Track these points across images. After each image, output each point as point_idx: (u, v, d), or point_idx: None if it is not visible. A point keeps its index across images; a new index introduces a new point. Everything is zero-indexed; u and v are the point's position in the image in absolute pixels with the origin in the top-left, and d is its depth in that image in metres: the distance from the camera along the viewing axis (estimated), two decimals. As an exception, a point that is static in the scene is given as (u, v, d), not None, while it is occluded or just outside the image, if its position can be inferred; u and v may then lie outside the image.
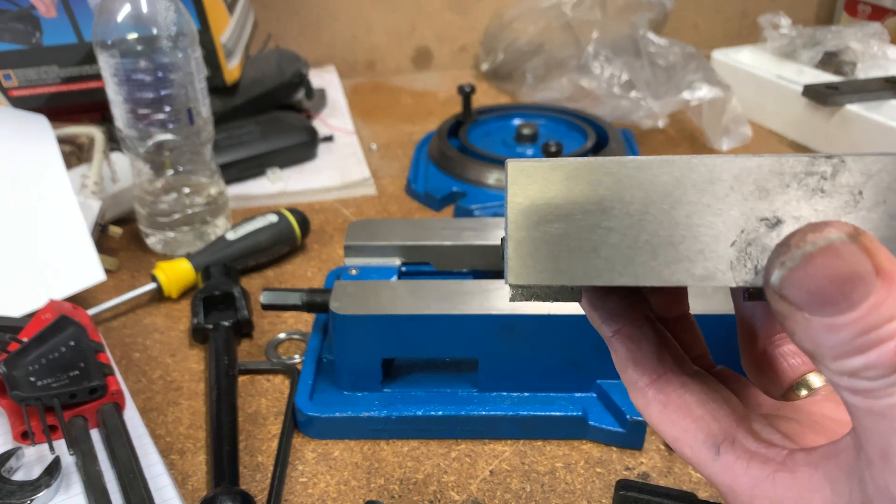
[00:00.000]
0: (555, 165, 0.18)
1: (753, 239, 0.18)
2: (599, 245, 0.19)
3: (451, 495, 0.38)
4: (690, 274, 0.18)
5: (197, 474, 0.39)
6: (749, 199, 0.18)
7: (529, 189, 0.19)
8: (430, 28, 1.03)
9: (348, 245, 0.46)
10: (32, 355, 0.40)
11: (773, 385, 0.24)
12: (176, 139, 0.54)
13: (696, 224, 0.18)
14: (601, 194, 0.18)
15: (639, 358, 0.22)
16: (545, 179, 0.19)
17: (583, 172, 0.18)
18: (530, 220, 0.19)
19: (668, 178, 0.18)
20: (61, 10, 0.62)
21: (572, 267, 0.19)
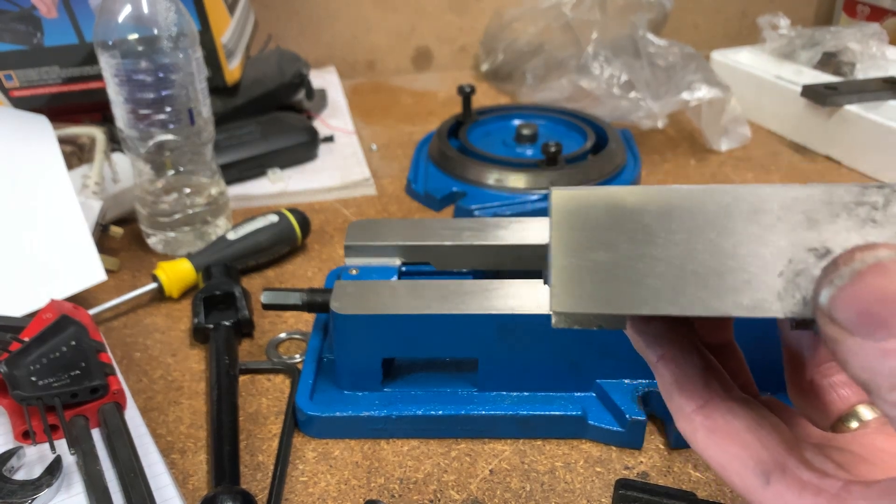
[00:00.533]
0: (599, 194, 0.18)
1: (802, 269, 0.18)
2: (645, 274, 0.18)
3: (451, 494, 0.38)
4: (738, 304, 0.18)
5: (198, 473, 0.40)
6: (797, 230, 0.18)
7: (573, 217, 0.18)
8: (430, 28, 1.03)
9: (348, 245, 0.46)
10: (34, 355, 0.40)
11: (822, 416, 0.24)
12: (177, 139, 0.54)
13: (743, 254, 0.18)
14: (646, 223, 0.18)
15: (684, 383, 0.22)
16: (589, 207, 0.18)
17: (628, 201, 0.18)
18: (574, 248, 0.18)
19: (714, 207, 0.18)
20: (62, 10, 0.63)
21: (618, 296, 0.18)
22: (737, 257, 0.18)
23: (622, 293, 0.18)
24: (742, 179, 0.71)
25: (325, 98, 0.88)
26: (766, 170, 0.73)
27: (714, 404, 0.21)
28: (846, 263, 0.16)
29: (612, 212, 0.18)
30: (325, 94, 0.88)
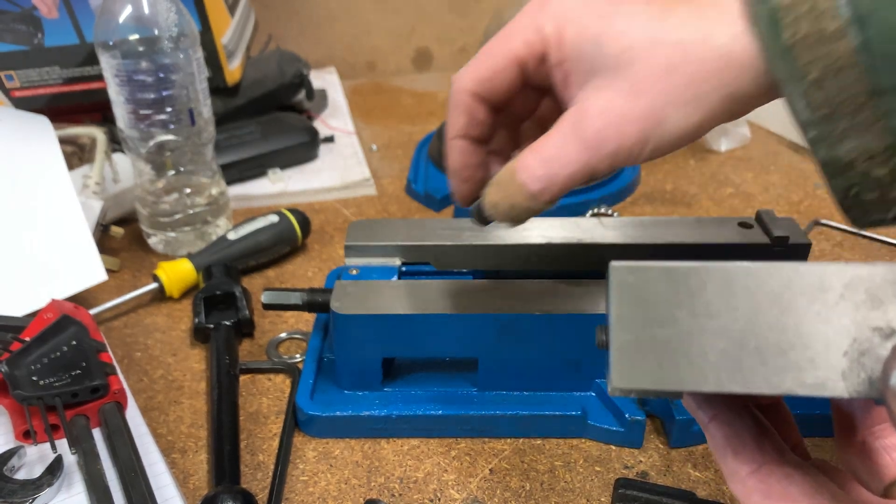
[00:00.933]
0: (659, 268, 0.18)
1: (867, 349, 0.17)
2: (706, 350, 0.18)
3: (451, 494, 0.38)
4: (801, 383, 0.18)
5: (198, 473, 0.40)
6: (861, 308, 0.17)
7: (633, 291, 0.18)
8: (430, 29, 1.03)
9: (349, 245, 0.46)
10: (34, 355, 0.40)
11: (874, 479, 0.23)
12: (177, 140, 0.54)
13: (805, 332, 0.18)
14: (708, 299, 0.18)
15: (737, 445, 0.21)
16: (649, 281, 0.18)
17: (689, 277, 0.18)
18: (635, 324, 0.18)
19: (776, 284, 0.18)
20: (63, 11, 0.63)
21: (679, 372, 0.18)
22: (800, 335, 0.18)
23: (683, 370, 0.18)
24: (742, 179, 0.71)
25: (326, 98, 0.88)
26: (765, 170, 0.73)
27: (769, 468, 0.21)
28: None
29: (672, 286, 0.18)
30: (325, 94, 0.88)
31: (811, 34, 0.25)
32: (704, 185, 0.70)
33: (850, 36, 0.24)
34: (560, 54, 0.29)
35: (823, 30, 0.24)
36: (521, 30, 0.30)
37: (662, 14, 0.27)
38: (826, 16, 0.24)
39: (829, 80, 0.25)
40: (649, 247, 0.46)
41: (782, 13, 0.25)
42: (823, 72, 0.25)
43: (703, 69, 0.27)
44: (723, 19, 0.27)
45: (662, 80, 0.27)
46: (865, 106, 0.25)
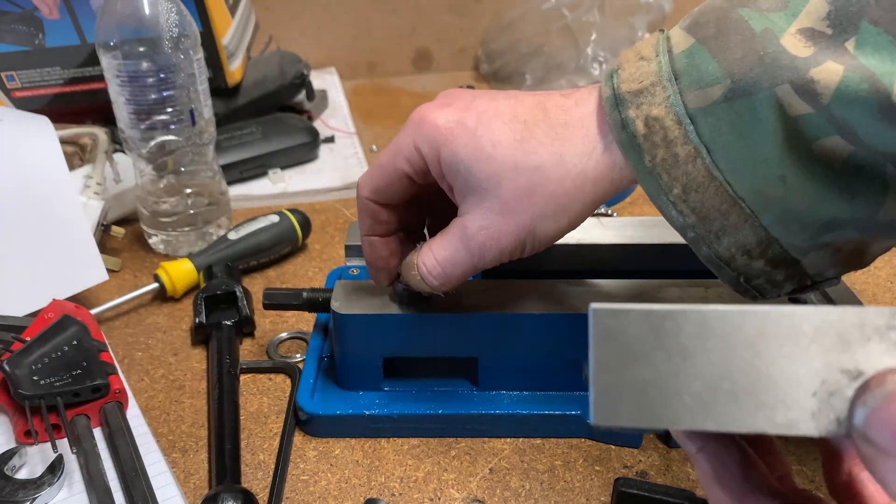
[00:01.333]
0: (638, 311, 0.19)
1: (835, 390, 0.18)
2: (682, 391, 0.19)
3: (451, 493, 0.38)
4: (772, 422, 0.18)
5: (199, 472, 0.40)
6: (831, 352, 0.18)
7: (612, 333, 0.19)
8: (430, 30, 1.03)
9: (349, 245, 0.46)
10: (35, 354, 0.40)
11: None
12: (178, 140, 0.54)
13: (777, 373, 0.18)
14: (683, 342, 0.19)
15: (724, 476, 0.22)
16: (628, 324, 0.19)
17: (666, 320, 0.19)
18: (614, 365, 0.19)
19: (749, 328, 0.18)
20: (64, 11, 0.63)
21: (655, 411, 0.19)
22: (771, 377, 0.18)
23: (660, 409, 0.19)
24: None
25: (326, 99, 0.88)
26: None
27: (754, 497, 0.22)
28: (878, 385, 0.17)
29: (650, 329, 0.19)
30: (325, 94, 0.89)
31: (668, 158, 0.29)
32: (704, 185, 0.70)
33: (700, 158, 0.28)
34: (439, 171, 0.33)
35: (677, 154, 0.29)
36: (403, 148, 0.34)
37: (523, 136, 0.31)
38: (677, 143, 0.28)
39: (692, 194, 0.29)
40: (649, 247, 0.46)
41: (641, 140, 0.29)
42: (685, 188, 0.29)
43: (561, 188, 0.31)
44: (574, 140, 0.31)
45: (527, 199, 0.31)
46: (731, 210, 0.28)
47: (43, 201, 0.49)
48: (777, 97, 0.26)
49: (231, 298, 0.50)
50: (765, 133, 0.27)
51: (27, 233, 0.48)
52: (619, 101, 0.29)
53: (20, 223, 0.48)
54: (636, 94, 0.29)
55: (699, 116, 0.28)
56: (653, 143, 0.29)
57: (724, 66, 0.27)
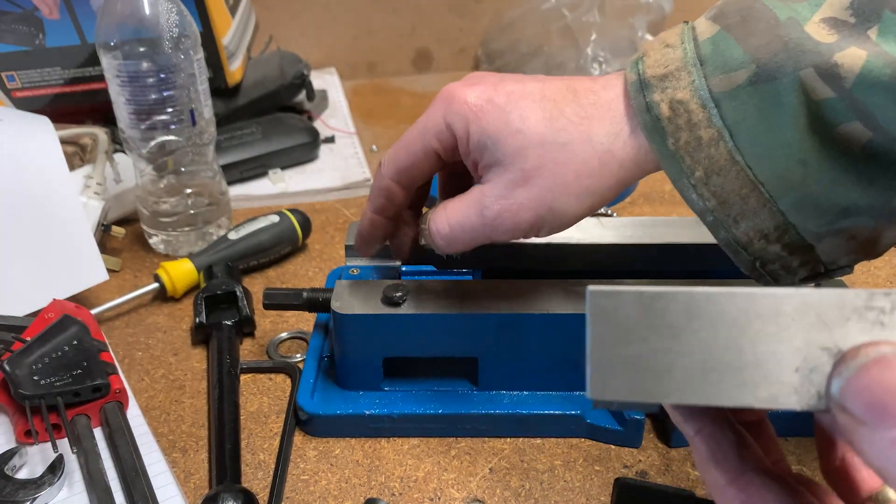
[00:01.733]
0: (631, 291, 0.20)
1: (816, 366, 0.19)
2: (671, 367, 0.20)
3: (451, 493, 0.38)
4: (756, 397, 0.19)
5: (199, 472, 0.40)
6: (811, 330, 0.19)
7: (607, 312, 0.20)
8: (430, 30, 1.03)
9: (349, 245, 0.46)
10: (36, 354, 0.40)
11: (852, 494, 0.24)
12: (178, 140, 0.54)
13: (760, 351, 0.19)
14: (671, 321, 0.20)
15: (719, 457, 0.23)
16: (622, 303, 0.20)
17: (656, 301, 0.20)
18: (608, 342, 0.20)
19: (733, 308, 0.19)
20: (64, 11, 0.63)
21: (647, 386, 0.20)
22: (755, 354, 0.19)
23: (651, 384, 0.20)
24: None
25: (326, 99, 0.88)
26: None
27: (748, 478, 0.22)
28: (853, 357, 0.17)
29: (641, 309, 0.20)
30: (325, 95, 0.89)
31: (691, 141, 0.29)
32: (704, 185, 0.70)
33: (723, 141, 0.28)
34: (466, 148, 0.33)
35: (700, 138, 0.29)
36: (432, 125, 0.34)
37: (553, 114, 0.32)
38: (700, 126, 0.29)
39: (714, 178, 0.29)
40: (649, 247, 0.46)
41: (664, 122, 0.29)
42: (707, 172, 0.29)
43: (587, 167, 0.31)
44: (603, 120, 0.31)
45: (551, 175, 0.31)
46: (750, 195, 0.29)
47: (43, 201, 0.49)
48: (801, 81, 0.27)
49: (231, 298, 0.50)
50: (787, 117, 0.27)
51: (27, 233, 0.48)
52: (644, 85, 0.30)
53: (20, 223, 0.48)
54: (661, 78, 0.30)
55: (723, 100, 0.28)
56: (676, 126, 0.29)
57: (749, 51, 0.28)
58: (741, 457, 0.22)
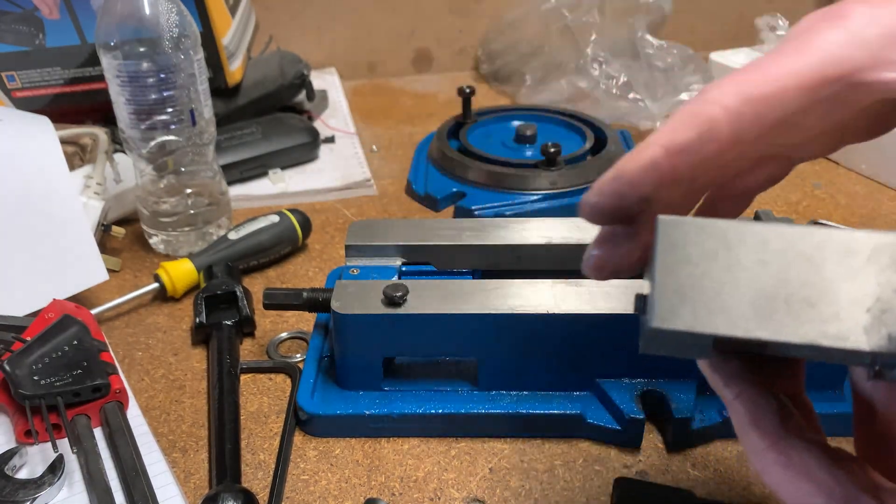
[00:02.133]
0: (701, 224, 0.20)
1: (889, 308, 0.19)
2: (741, 299, 0.20)
3: (451, 493, 0.38)
4: (824, 333, 0.19)
5: (199, 472, 0.40)
6: (885, 272, 0.19)
7: (678, 244, 0.20)
8: (430, 30, 1.03)
9: (349, 245, 0.46)
10: (36, 354, 0.40)
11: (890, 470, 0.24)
12: (178, 140, 0.54)
13: (832, 289, 0.20)
14: (742, 254, 0.20)
15: (759, 421, 0.22)
16: (691, 234, 0.20)
17: (728, 233, 0.20)
18: (676, 272, 0.20)
19: (808, 246, 0.20)
20: (64, 11, 0.63)
21: (711, 317, 0.20)
22: (827, 291, 0.20)
23: (716, 316, 0.20)
24: (741, 180, 0.71)
25: (326, 99, 0.88)
26: (764, 171, 0.73)
27: (788, 442, 0.22)
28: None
29: (711, 240, 0.20)
30: (325, 95, 0.89)
31: None
32: (704, 185, 0.70)
33: None
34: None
35: None
36: (822, 46, 0.22)
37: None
38: None
39: None
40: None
41: None
42: None
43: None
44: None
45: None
46: None
47: (43, 201, 0.49)
48: None
49: (231, 298, 0.50)
50: None
51: (27, 233, 0.48)
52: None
53: (20, 223, 0.48)
54: None
55: None
56: None
57: None
58: (781, 421, 0.22)
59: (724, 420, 0.40)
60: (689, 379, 0.41)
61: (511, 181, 0.65)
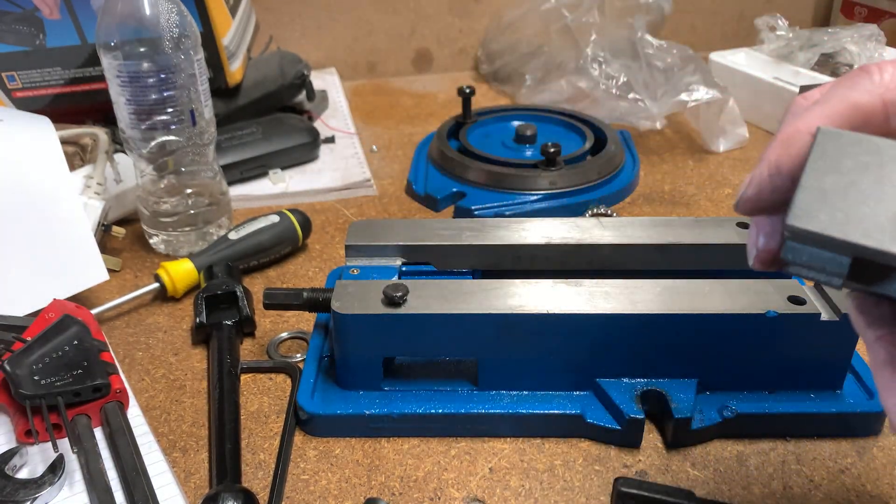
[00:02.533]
0: (860, 139, 0.22)
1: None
2: (883, 214, 0.21)
3: (451, 493, 0.38)
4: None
5: (199, 472, 0.40)
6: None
7: (832, 151, 0.22)
8: (430, 30, 1.03)
9: (349, 245, 0.46)
10: (36, 354, 0.40)
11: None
12: (178, 140, 0.54)
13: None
14: (893, 171, 0.21)
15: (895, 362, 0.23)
16: (849, 148, 0.21)
17: (884, 151, 0.21)
18: (825, 176, 0.21)
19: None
20: (64, 11, 0.63)
21: (847, 224, 0.21)
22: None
23: (852, 223, 0.21)
24: (740, 180, 0.71)
25: (326, 99, 0.88)
26: (764, 171, 0.73)
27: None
28: None
29: (867, 157, 0.21)
30: (325, 95, 0.89)
31: None
32: (702, 185, 0.70)
33: None
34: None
35: None
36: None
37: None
38: None
39: None
40: (649, 247, 0.46)
41: None
42: None
43: None
44: None
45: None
46: None
47: (43, 201, 0.49)
48: None
49: (231, 298, 0.50)
50: None
51: (28, 233, 0.48)
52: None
53: (21, 223, 0.48)
54: None
55: None
56: None
57: None
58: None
59: (723, 420, 0.40)
60: (689, 378, 0.41)
61: (511, 181, 0.65)
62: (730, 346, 0.40)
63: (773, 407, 0.41)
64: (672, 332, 0.40)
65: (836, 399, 0.41)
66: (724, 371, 0.41)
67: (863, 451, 0.40)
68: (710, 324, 0.39)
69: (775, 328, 0.39)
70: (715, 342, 0.40)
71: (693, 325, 0.39)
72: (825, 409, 0.41)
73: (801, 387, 0.41)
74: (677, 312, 0.39)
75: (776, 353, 0.40)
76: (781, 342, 0.40)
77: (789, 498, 0.38)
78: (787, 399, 0.41)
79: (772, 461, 0.40)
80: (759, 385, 0.41)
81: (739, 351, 0.40)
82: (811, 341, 0.40)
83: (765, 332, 0.39)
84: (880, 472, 0.39)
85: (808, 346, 0.40)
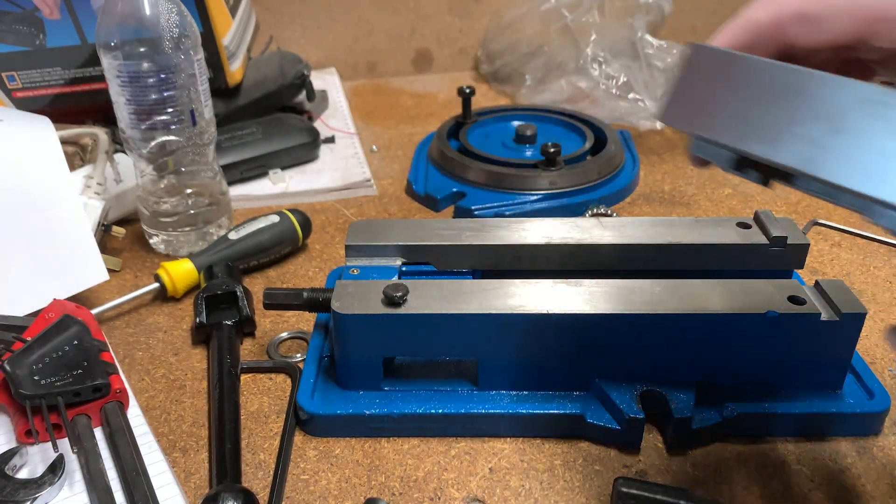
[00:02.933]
0: (732, 56, 0.24)
1: None
2: (734, 116, 0.23)
3: (451, 493, 0.38)
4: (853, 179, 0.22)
5: (199, 472, 0.40)
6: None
7: (702, 67, 0.25)
8: (430, 30, 1.03)
9: (349, 245, 0.46)
10: (36, 354, 0.40)
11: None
12: (178, 140, 0.54)
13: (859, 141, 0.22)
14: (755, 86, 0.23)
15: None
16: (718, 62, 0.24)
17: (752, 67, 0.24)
18: (692, 85, 0.25)
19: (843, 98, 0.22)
20: (64, 11, 0.63)
21: (702, 123, 0.24)
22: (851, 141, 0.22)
23: (705, 122, 0.24)
24: (740, 180, 0.71)
25: (326, 99, 0.88)
26: (764, 171, 0.73)
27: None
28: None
29: (733, 70, 0.24)
30: (325, 95, 0.89)
31: None
32: (703, 185, 0.70)
33: None
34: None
35: None
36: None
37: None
38: None
39: None
40: (649, 247, 0.46)
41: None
42: None
43: None
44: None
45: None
46: None
47: (43, 201, 0.49)
48: None
49: (231, 298, 0.50)
50: None
51: (28, 233, 0.48)
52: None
53: (21, 223, 0.48)
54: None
55: None
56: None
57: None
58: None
59: (723, 420, 0.40)
60: (689, 378, 0.41)
61: (511, 181, 0.65)
62: (730, 346, 0.40)
63: (773, 407, 0.41)
64: (672, 333, 0.40)
65: (836, 399, 0.41)
66: (724, 371, 0.41)
67: (863, 451, 0.40)
68: (710, 324, 0.39)
69: (775, 328, 0.39)
70: (715, 342, 0.40)
71: (693, 325, 0.39)
72: (825, 409, 0.41)
73: (801, 387, 0.41)
74: (677, 312, 0.39)
75: (776, 353, 0.40)
76: (781, 342, 0.40)
77: (789, 498, 0.38)
78: (787, 399, 0.41)
79: (772, 461, 0.40)
80: (759, 385, 0.41)
81: (739, 351, 0.40)
82: (811, 341, 0.40)
83: (765, 332, 0.39)
84: (880, 472, 0.39)
85: (808, 346, 0.40)
